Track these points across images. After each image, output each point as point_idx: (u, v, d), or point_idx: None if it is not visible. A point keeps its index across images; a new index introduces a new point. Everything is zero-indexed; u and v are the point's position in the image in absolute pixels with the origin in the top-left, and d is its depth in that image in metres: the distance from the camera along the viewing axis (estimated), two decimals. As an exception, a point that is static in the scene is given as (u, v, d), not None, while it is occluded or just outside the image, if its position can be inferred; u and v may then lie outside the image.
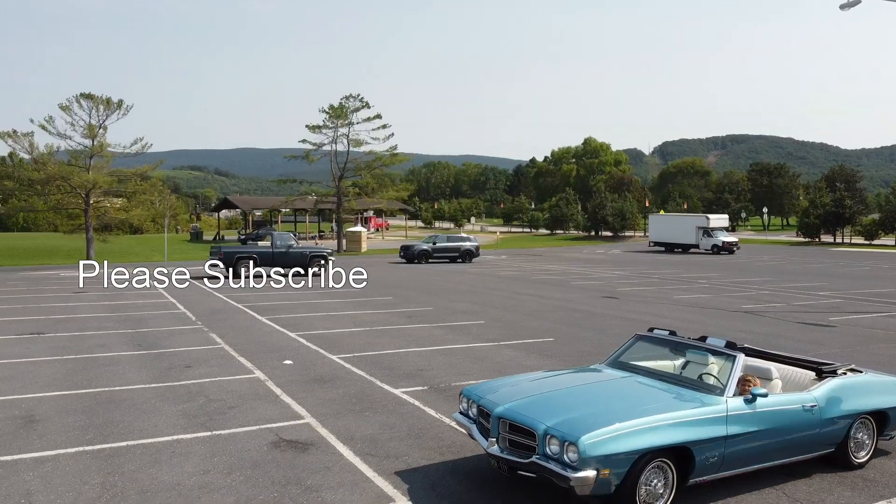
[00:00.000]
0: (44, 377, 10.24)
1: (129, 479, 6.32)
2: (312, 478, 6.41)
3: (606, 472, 5.22)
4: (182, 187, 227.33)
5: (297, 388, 9.68)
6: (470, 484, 6.31)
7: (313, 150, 47.74)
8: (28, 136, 34.75)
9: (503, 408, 5.93)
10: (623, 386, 6.44)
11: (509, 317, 17.08)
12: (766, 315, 17.71)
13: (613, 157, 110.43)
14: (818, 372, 6.87)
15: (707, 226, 49.31)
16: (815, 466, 6.79)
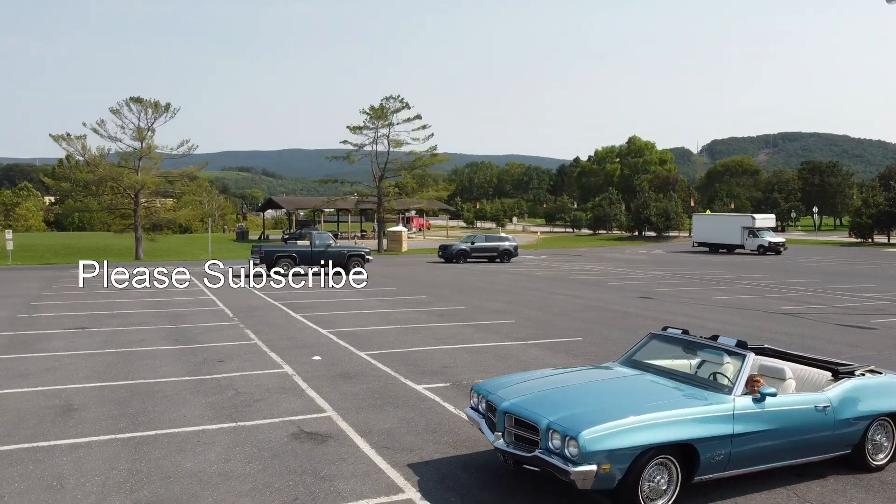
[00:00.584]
0: (85, 369, 10.72)
1: (154, 466, 6.64)
2: (327, 468, 6.62)
3: (607, 467, 5.29)
4: (230, 188, 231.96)
5: (323, 382, 9.94)
6: (479, 477, 6.44)
7: (354, 150, 48.29)
8: (81, 138, 36.10)
9: (509, 403, 6.04)
10: (631, 383, 6.49)
11: (541, 316, 17.11)
12: (805, 316, 17.36)
13: (658, 156, 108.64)
14: (834, 372, 6.80)
15: (752, 226, 48.24)
16: (831, 468, 6.72)
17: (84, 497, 5.90)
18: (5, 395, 9.13)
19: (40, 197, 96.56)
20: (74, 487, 6.10)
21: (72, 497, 5.89)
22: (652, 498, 5.56)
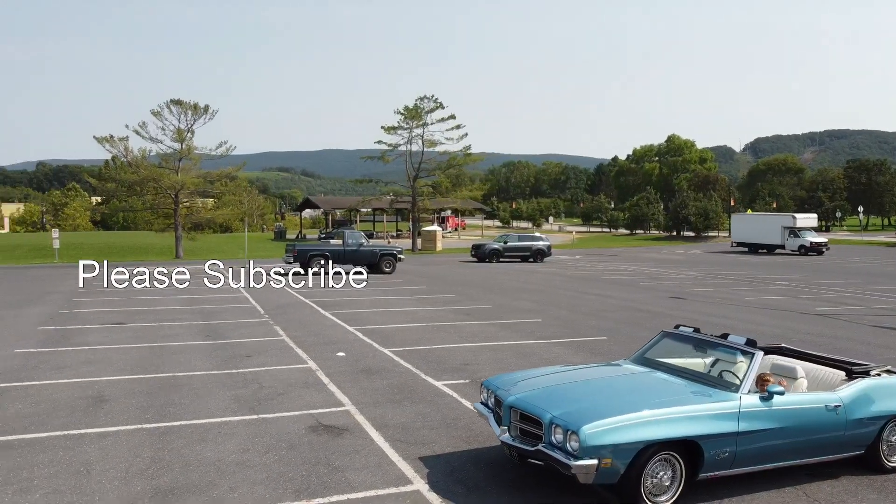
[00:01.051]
0: (118, 362, 11.12)
1: (176, 454, 6.90)
2: (341, 459, 6.80)
3: (609, 462, 5.35)
4: (270, 188, 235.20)
5: (345, 378, 10.15)
6: (488, 471, 6.55)
7: (389, 150, 48.70)
8: (123, 140, 37.18)
9: (514, 397, 6.14)
10: (638, 380, 6.53)
11: (568, 315, 17.10)
12: (840, 318, 17.03)
13: (698, 155, 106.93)
14: (848, 372, 6.73)
15: (793, 225, 47.28)
16: (844, 468, 6.66)
17: (108, 482, 6.18)
18: (42, 386, 9.54)
19: (87, 197, 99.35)
20: (100, 473, 6.39)
21: (96, 482, 6.17)
22: (655, 494, 5.60)
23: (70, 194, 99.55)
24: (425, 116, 47.39)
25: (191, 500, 5.84)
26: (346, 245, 27.70)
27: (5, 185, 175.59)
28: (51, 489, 6.01)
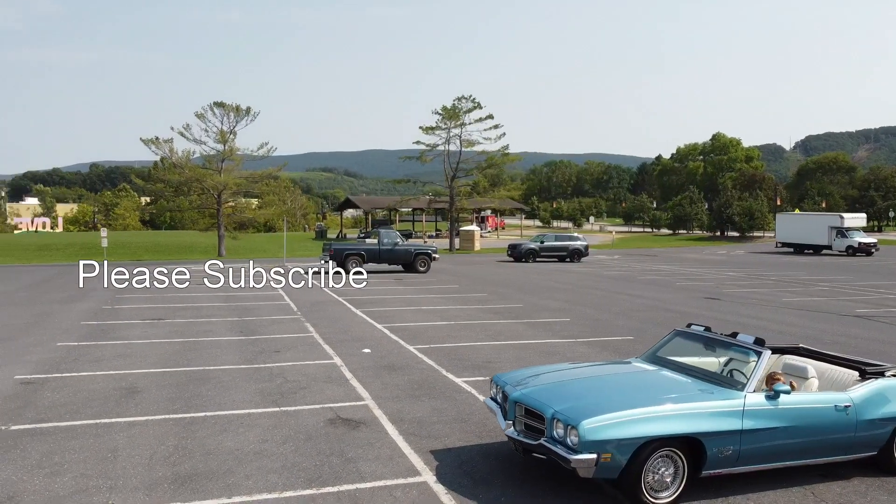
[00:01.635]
0: (153, 356, 11.56)
1: (199, 443, 7.20)
2: (354, 451, 7.01)
3: (608, 457, 5.43)
4: (314, 188, 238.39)
5: (367, 373, 10.37)
6: (496, 465, 6.68)
7: (427, 150, 48.99)
8: (168, 142, 38.30)
9: (519, 393, 6.26)
10: (645, 378, 6.58)
11: (597, 315, 17.07)
12: (879, 319, 16.63)
13: (744, 154, 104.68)
14: (862, 372, 6.66)
15: (841, 225, 46.04)
16: (858, 469, 6.59)
17: (132, 467, 6.50)
18: (80, 378, 10.00)
19: (137, 197, 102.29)
20: (125, 459, 6.72)
21: (121, 467, 6.50)
22: (657, 489, 5.66)
23: (120, 195, 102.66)
24: (463, 116, 47.56)
25: (208, 485, 6.11)
26: (381, 244, 28.03)
27: (60, 185, 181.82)
28: (78, 473, 6.36)
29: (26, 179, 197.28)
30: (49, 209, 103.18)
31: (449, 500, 5.86)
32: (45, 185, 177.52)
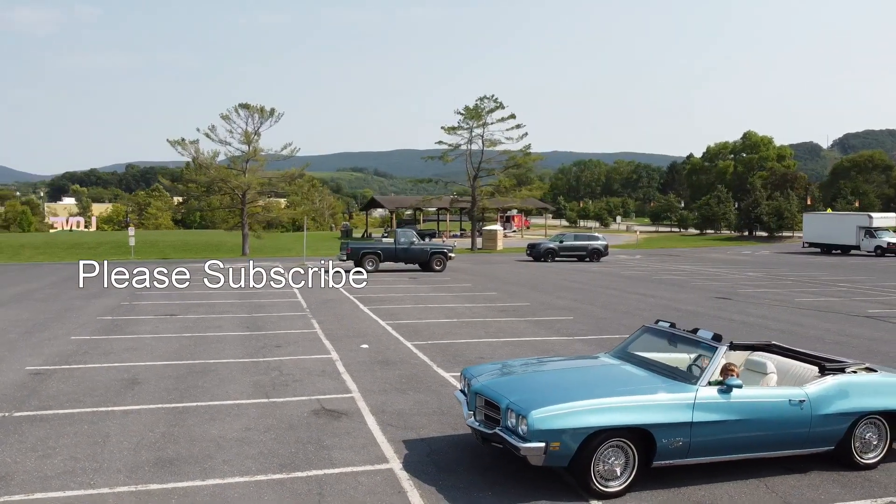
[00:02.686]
0: (160, 350, 12.04)
1: (186, 431, 7.59)
2: (331, 440, 7.34)
3: (557, 445, 5.66)
4: (343, 187, 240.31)
5: (360, 368, 10.70)
6: (463, 454, 6.94)
7: (450, 150, 49.29)
8: (194, 143, 39.18)
9: (480, 384, 6.53)
10: (605, 371, 6.79)
11: (602, 314, 17.19)
12: (889, 320, 16.49)
13: (776, 152, 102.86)
14: (821, 368, 6.78)
15: (869, 225, 45.20)
16: (818, 464, 6.72)
17: (118, 452, 6.91)
18: (86, 369, 10.50)
19: (169, 197, 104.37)
20: (114, 444, 7.13)
21: (108, 451, 6.91)
22: (606, 478, 5.87)
23: (154, 195, 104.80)
24: (485, 116, 47.76)
25: (186, 468, 6.49)
26: (397, 243, 28.41)
27: (98, 186, 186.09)
28: (68, 456, 6.78)
29: (65, 180, 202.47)
30: (85, 209, 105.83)
31: (409, 485, 6.15)
32: (83, 185, 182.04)
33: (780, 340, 13.31)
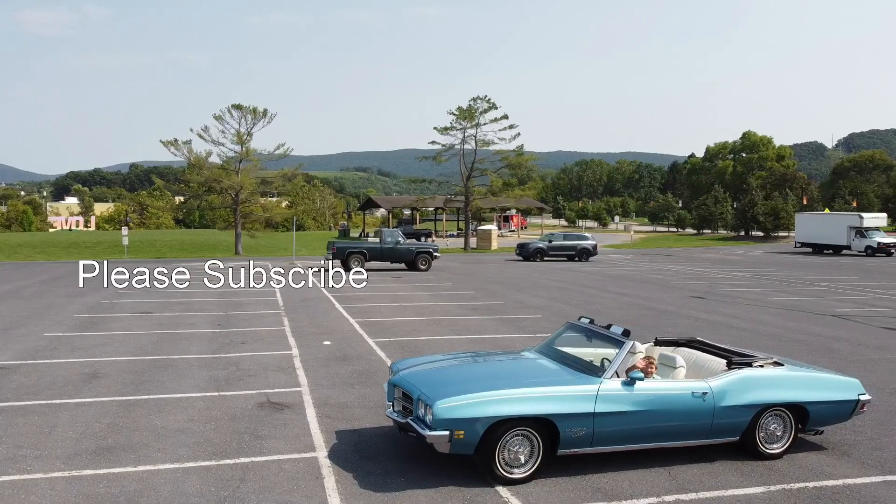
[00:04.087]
0: (128, 346, 12.41)
1: (130, 421, 7.95)
2: (267, 430, 7.69)
3: (461, 434, 5.99)
4: (347, 187, 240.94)
5: (317, 363, 11.05)
6: (389, 444, 7.27)
7: (444, 150, 49.62)
8: (187, 143, 39.61)
9: (398, 377, 6.87)
10: (520, 365, 7.12)
11: (574, 312, 17.45)
12: (855, 319, 16.74)
13: (775, 152, 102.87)
14: (729, 362, 7.09)
15: (860, 225, 45.36)
16: (725, 453, 7.01)
17: (62, 441, 7.26)
18: (51, 364, 10.87)
19: (171, 197, 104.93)
20: (59, 433, 7.49)
21: (52, 440, 7.27)
22: (512, 465, 6.19)
23: (155, 194, 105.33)
24: (479, 117, 48.08)
25: (121, 456, 6.84)
26: (383, 243, 28.78)
27: (101, 185, 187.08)
28: (13, 444, 7.14)
29: (69, 179, 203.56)
30: (87, 208, 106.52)
31: (328, 472, 6.49)
32: (87, 185, 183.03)
33: (739, 339, 13.71)
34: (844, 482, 6.44)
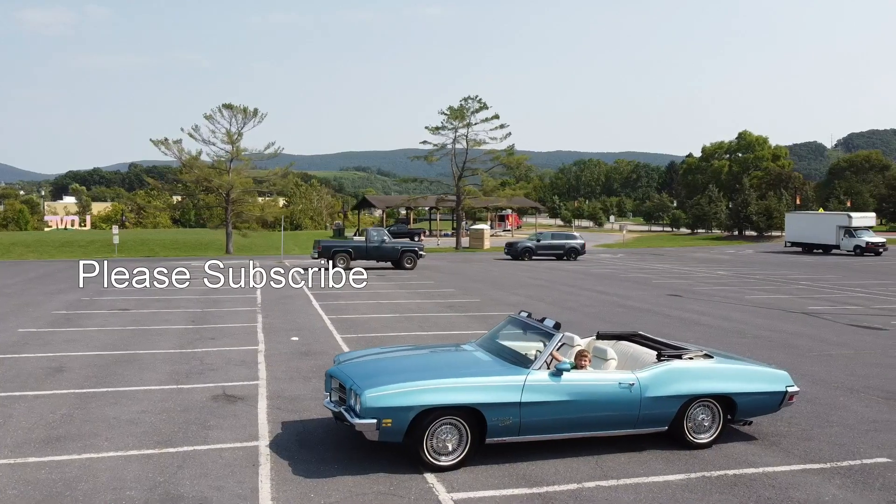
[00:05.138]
0: (98, 341, 12.63)
1: (85, 412, 8.17)
2: (216, 421, 7.91)
3: (388, 422, 6.21)
4: (346, 187, 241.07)
5: (280, 359, 11.27)
6: (331, 434, 7.48)
7: (436, 150, 49.86)
8: (177, 143, 39.86)
9: (334, 368, 7.10)
10: (456, 357, 7.36)
11: (545, 309, 17.69)
12: (824, 316, 16.96)
13: (771, 152, 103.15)
14: (658, 354, 7.31)
15: (849, 225, 45.57)
16: (657, 443, 7.23)
17: (15, 430, 7.48)
18: (18, 359, 11.10)
19: (169, 196, 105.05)
20: (14, 423, 7.71)
21: (6, 430, 7.49)
22: (440, 453, 6.41)
23: (153, 193, 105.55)
24: (469, 116, 48.30)
25: (69, 445, 7.06)
26: (368, 241, 29.01)
27: (101, 185, 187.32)
28: (-34, 433, 7.37)
29: (69, 179, 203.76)
30: (85, 208, 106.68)
31: (265, 459, 6.71)
32: (86, 184, 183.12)
33: (704, 335, 13.96)
34: (764, 470, 6.67)
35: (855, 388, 9.85)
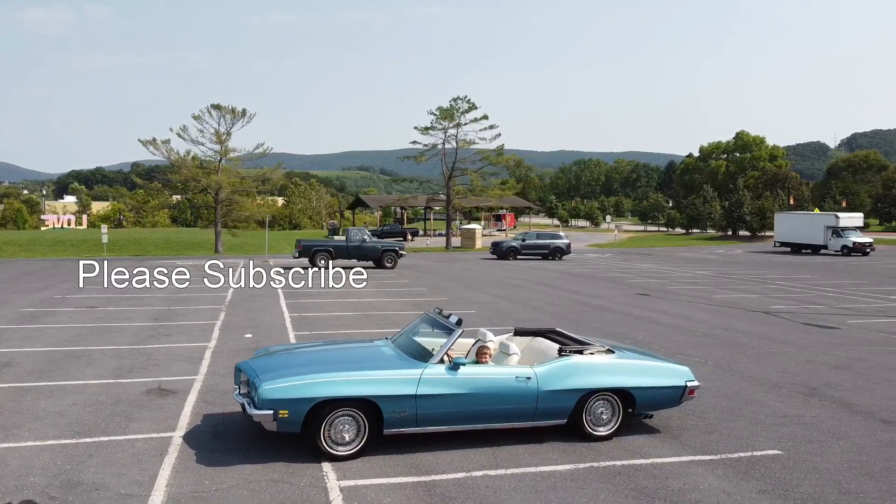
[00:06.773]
0: (54, 338, 12.93)
1: (18, 405, 8.46)
2: (141, 413, 8.19)
3: (285, 413, 6.49)
4: (349, 186, 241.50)
5: (226, 355, 11.55)
6: (247, 426, 7.73)
7: (426, 150, 50.14)
8: (166, 143, 40.22)
9: (242, 362, 7.38)
10: (363, 352, 7.63)
11: (509, 308, 17.98)
12: (783, 315, 17.18)
13: (768, 152, 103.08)
14: (559, 350, 7.56)
15: (836, 225, 45.69)
16: (558, 435, 7.48)
17: (-57, 422, 7.79)
18: (-28, 354, 11.40)
19: (168, 196, 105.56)
20: (-56, 416, 8.02)
21: (-66, 421, 7.79)
22: (337, 443, 6.68)
23: (153, 193, 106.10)
24: (459, 117, 48.57)
25: (-10, 436, 7.35)
26: (349, 241, 29.30)
27: (102, 184, 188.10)
28: None
29: (71, 178, 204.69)
30: (85, 207, 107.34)
31: (174, 450, 6.99)
32: (89, 183, 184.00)
33: (655, 333, 14.21)
34: (653, 461, 6.92)
35: (778, 384, 10.09)
